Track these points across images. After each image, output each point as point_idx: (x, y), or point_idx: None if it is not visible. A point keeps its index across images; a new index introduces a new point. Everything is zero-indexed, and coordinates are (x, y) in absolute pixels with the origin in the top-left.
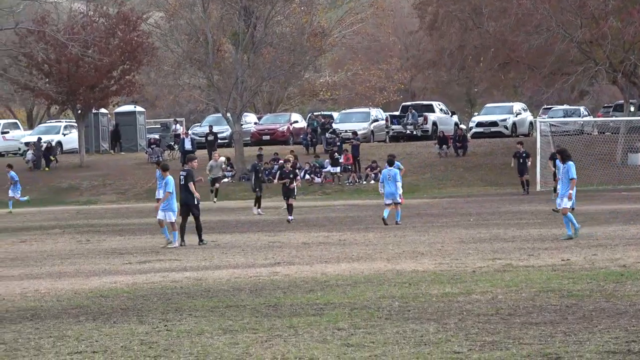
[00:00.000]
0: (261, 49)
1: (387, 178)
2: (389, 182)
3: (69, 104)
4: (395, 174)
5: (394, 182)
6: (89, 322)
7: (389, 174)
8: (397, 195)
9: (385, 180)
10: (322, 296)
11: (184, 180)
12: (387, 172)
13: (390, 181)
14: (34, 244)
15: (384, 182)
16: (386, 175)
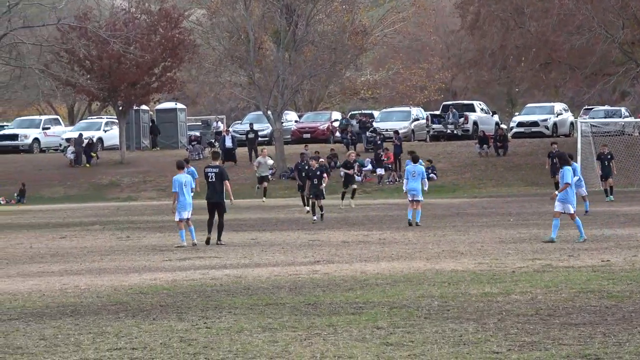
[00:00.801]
0: (302, 47)
1: (411, 175)
2: (413, 178)
3: (110, 100)
4: (420, 170)
5: (419, 179)
6: (129, 319)
7: (414, 170)
8: (420, 192)
9: (410, 176)
10: (361, 295)
11: (215, 177)
12: (411, 169)
13: (414, 177)
14: (74, 240)
15: (408, 178)
16: (410, 172)
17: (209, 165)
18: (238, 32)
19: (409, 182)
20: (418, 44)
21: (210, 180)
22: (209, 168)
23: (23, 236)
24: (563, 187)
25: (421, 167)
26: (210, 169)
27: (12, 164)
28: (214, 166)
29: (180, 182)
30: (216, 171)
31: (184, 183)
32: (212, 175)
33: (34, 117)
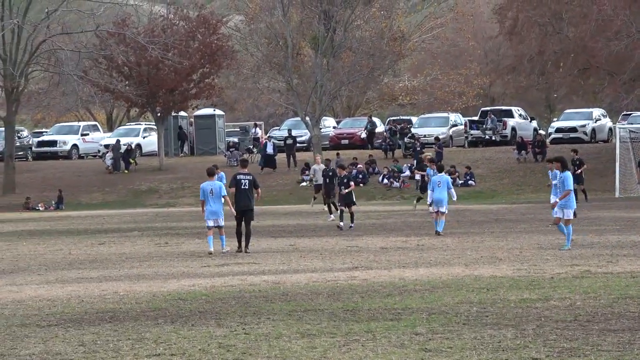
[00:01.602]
0: (340, 53)
1: (436, 184)
2: (438, 188)
3: (149, 106)
4: (446, 180)
5: (444, 189)
6: (167, 325)
7: (439, 180)
8: (445, 203)
9: (435, 186)
10: (399, 301)
11: (248, 184)
12: (436, 179)
13: (440, 187)
14: (113, 246)
15: (433, 189)
16: (435, 182)
17: (241, 173)
18: (276, 38)
19: (435, 192)
20: (456, 49)
21: (243, 187)
22: (242, 175)
23: (62, 242)
24: (565, 193)
25: (447, 177)
26: (242, 176)
27: (50, 170)
28: (246, 173)
29: (206, 190)
30: (250, 178)
31: (210, 191)
32: (246, 183)
33: (72, 124)
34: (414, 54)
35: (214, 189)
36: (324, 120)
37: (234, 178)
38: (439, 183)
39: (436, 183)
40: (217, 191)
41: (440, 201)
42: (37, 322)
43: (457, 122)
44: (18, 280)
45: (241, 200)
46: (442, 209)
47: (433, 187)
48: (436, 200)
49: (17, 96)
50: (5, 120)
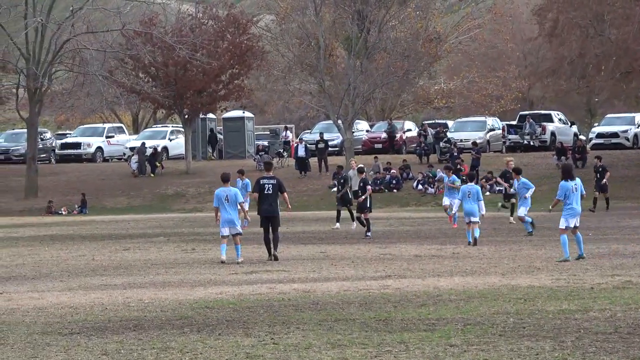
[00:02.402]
0: (374, 54)
1: (466, 195)
2: (468, 199)
3: (176, 108)
4: (476, 191)
5: (475, 200)
6: (194, 334)
7: (469, 190)
8: (476, 214)
9: (465, 197)
10: (434, 311)
11: (272, 189)
12: (466, 189)
13: (470, 198)
14: (138, 252)
15: (463, 199)
16: (465, 192)
17: (264, 177)
18: (308, 39)
19: (464, 203)
20: (494, 51)
21: (266, 192)
22: (265, 179)
23: (85, 248)
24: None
25: (477, 188)
26: (266, 180)
27: (74, 173)
28: (269, 177)
29: (221, 197)
30: (273, 182)
31: (225, 197)
32: (269, 187)
33: (97, 125)
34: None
35: (229, 195)
36: (357, 124)
37: (257, 183)
38: (469, 193)
39: (466, 193)
40: (233, 198)
41: (472, 212)
42: (58, 330)
43: (494, 127)
44: (40, 287)
45: (264, 206)
46: (474, 218)
47: (462, 197)
48: (467, 212)
49: (40, 97)
50: (27, 122)
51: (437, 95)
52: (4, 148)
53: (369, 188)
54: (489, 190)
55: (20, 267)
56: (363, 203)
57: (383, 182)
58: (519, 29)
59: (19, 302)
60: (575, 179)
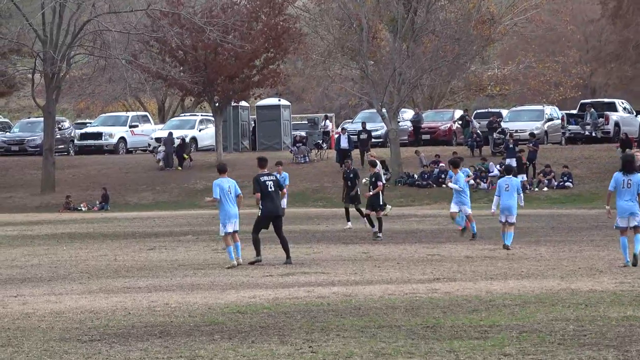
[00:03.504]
0: (422, 37)
1: (504, 189)
2: (506, 193)
3: (206, 95)
4: (516, 184)
5: (513, 194)
6: (224, 341)
7: (507, 183)
8: (514, 211)
9: (502, 191)
10: (486, 317)
11: (274, 186)
12: (503, 182)
13: (508, 192)
14: (164, 252)
15: (500, 194)
16: (502, 186)
17: (263, 174)
18: (350, 20)
19: (502, 198)
20: (553, 34)
21: (269, 189)
22: (265, 176)
23: (106, 247)
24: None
25: (517, 180)
26: (266, 177)
27: (95, 165)
28: (268, 174)
29: (222, 187)
30: (274, 179)
31: (227, 189)
32: (271, 184)
33: (120, 114)
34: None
35: (231, 187)
36: (403, 113)
37: (257, 181)
38: (507, 187)
39: (503, 187)
40: (234, 190)
41: (509, 208)
42: (78, 336)
43: (553, 116)
44: (57, 289)
45: (269, 205)
46: (511, 218)
47: (499, 192)
48: (503, 208)
49: (58, 83)
50: (44, 110)
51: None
52: (19, 138)
53: (380, 184)
54: (546, 185)
55: (36, 267)
56: (374, 200)
57: (431, 176)
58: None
59: (35, 306)
60: (635, 174)
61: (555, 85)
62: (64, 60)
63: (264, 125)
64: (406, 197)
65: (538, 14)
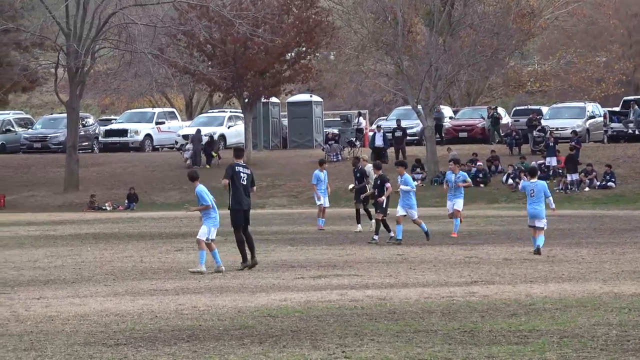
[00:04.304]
0: (459, 31)
1: (529, 194)
2: (531, 199)
3: (235, 91)
4: (542, 187)
5: (541, 199)
6: (255, 346)
7: (533, 187)
8: (543, 216)
9: (528, 197)
10: (526, 322)
11: (247, 179)
12: (529, 185)
13: (534, 197)
14: (192, 253)
15: (527, 199)
16: (528, 189)
17: (239, 164)
18: (384, 13)
19: (529, 204)
20: (595, 28)
21: (243, 182)
22: (240, 167)
23: (132, 248)
24: None
25: (543, 183)
26: (242, 168)
27: (120, 163)
28: (244, 166)
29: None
30: (249, 172)
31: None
32: (245, 177)
33: (146, 110)
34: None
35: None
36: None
37: (232, 169)
38: (532, 192)
39: (529, 192)
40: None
41: (537, 214)
42: (103, 340)
43: (594, 114)
44: (81, 292)
45: (243, 198)
46: (539, 223)
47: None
48: (531, 215)
49: (82, 77)
50: (68, 106)
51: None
52: (42, 135)
53: (388, 186)
54: (588, 185)
55: (60, 269)
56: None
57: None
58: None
59: (59, 309)
60: None
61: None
62: (88, 54)
63: (295, 122)
64: (442, 197)
65: (580, 8)
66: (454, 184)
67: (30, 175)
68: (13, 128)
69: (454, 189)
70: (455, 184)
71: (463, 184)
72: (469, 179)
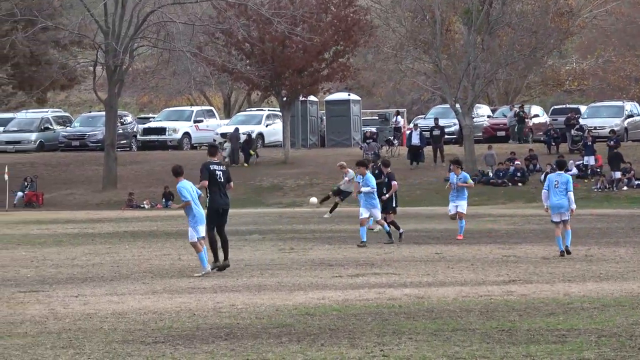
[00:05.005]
0: (497, 29)
1: (553, 185)
2: (555, 190)
3: (273, 89)
4: (566, 180)
5: (564, 192)
6: (293, 344)
7: (557, 179)
8: (567, 209)
9: (552, 188)
10: (564, 321)
11: (223, 176)
12: (554, 178)
13: (557, 189)
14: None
15: (550, 189)
16: (552, 182)
17: (212, 162)
18: (422, 12)
19: (551, 195)
20: (633, 27)
21: (219, 179)
22: (215, 165)
23: (170, 246)
24: None
25: (567, 177)
26: (216, 166)
27: (158, 162)
28: (218, 163)
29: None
30: (224, 169)
31: (192, 190)
32: (221, 174)
33: (184, 108)
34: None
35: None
36: (477, 108)
37: (206, 168)
38: (557, 182)
39: (553, 183)
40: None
41: (561, 206)
42: (141, 338)
43: (633, 113)
44: (119, 290)
45: (219, 197)
46: (565, 216)
47: (549, 188)
48: (555, 206)
49: (120, 76)
50: (106, 104)
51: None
52: (80, 133)
53: (395, 184)
54: (626, 184)
55: (98, 267)
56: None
57: (506, 174)
58: None
59: (97, 307)
60: None
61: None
62: (126, 53)
63: (333, 120)
64: (480, 196)
65: (618, 6)
66: (455, 185)
67: (68, 173)
68: (51, 126)
69: (457, 190)
70: (457, 184)
71: (464, 185)
72: (470, 180)
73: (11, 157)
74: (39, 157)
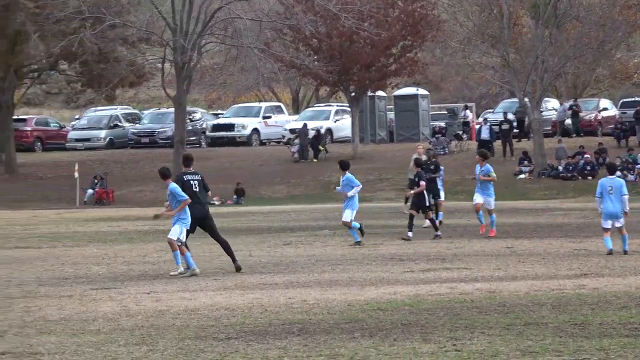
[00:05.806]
0: (565, 23)
1: (607, 190)
2: (609, 195)
3: (341, 85)
4: (620, 185)
5: (619, 197)
6: (365, 339)
7: (610, 184)
8: (621, 215)
9: (605, 193)
10: (637, 314)
11: (198, 185)
12: (606, 183)
13: (612, 195)
14: (300, 247)
15: (603, 195)
16: (606, 187)
17: (187, 172)
18: (490, 6)
19: (606, 202)
20: None
21: (194, 189)
22: (189, 175)
23: (241, 242)
24: None
25: (621, 181)
26: (191, 175)
27: (227, 158)
28: (192, 173)
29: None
30: (199, 178)
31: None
32: (196, 184)
33: (252, 105)
34: None
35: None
36: (546, 102)
37: (181, 180)
38: (611, 188)
39: (606, 189)
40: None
41: (617, 214)
42: (214, 334)
43: None
44: (191, 286)
45: (195, 207)
46: (618, 223)
47: (602, 193)
48: (609, 214)
49: (188, 72)
50: (175, 101)
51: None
52: (149, 130)
53: (422, 183)
54: None
55: (169, 263)
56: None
57: (576, 168)
58: None
59: (169, 303)
60: None
61: None
62: (194, 49)
63: (401, 115)
64: (550, 190)
65: None
66: (478, 176)
67: (138, 170)
68: (121, 123)
69: (481, 182)
70: (479, 176)
71: (486, 178)
72: (493, 173)
73: (81, 155)
74: (109, 155)
